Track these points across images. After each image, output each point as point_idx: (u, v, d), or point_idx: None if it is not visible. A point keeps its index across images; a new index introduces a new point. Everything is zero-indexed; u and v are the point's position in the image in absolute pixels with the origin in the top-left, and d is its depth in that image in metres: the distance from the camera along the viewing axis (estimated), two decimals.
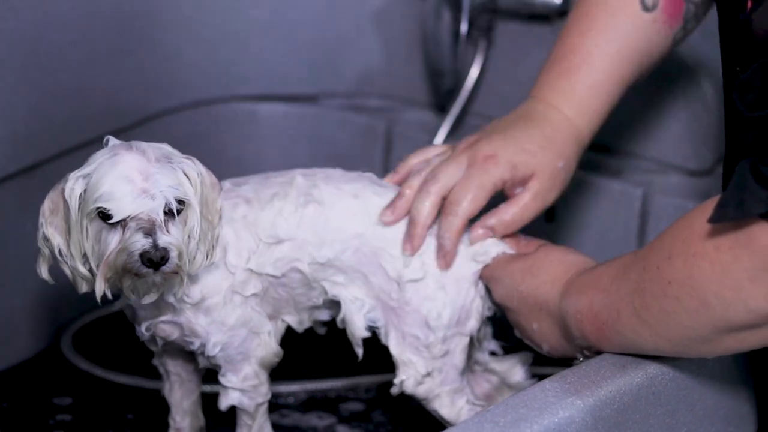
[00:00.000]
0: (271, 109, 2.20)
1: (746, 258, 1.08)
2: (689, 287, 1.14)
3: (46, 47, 1.85)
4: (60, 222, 1.33)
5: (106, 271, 1.31)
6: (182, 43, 2.08)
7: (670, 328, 1.19)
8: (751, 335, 1.14)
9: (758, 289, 1.08)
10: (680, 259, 1.14)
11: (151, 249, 1.28)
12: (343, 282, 1.45)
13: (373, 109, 2.19)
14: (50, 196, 1.34)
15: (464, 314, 1.45)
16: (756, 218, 1.06)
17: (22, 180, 1.86)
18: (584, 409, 1.24)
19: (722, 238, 1.09)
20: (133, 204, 1.29)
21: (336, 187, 1.45)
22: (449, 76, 2.06)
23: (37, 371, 1.92)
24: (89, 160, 1.33)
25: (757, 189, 1.05)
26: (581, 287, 1.31)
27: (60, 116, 1.90)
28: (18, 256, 1.89)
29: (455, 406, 1.48)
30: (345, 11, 2.17)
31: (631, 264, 1.23)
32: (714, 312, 1.13)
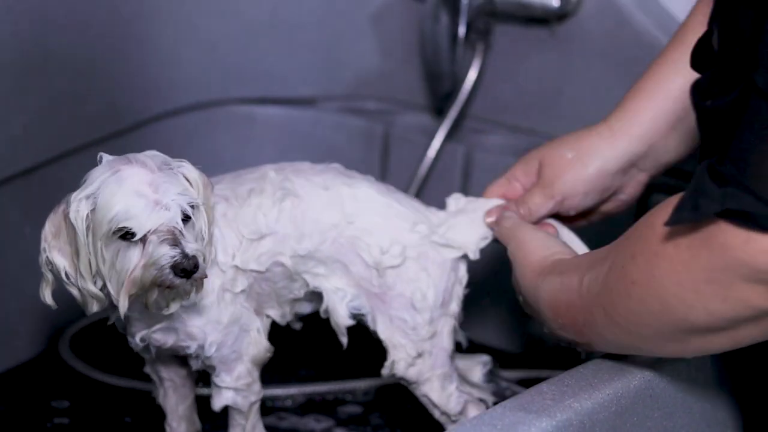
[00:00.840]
0: (269, 112, 2.20)
1: (704, 257, 1.07)
2: (651, 288, 1.13)
3: (43, 50, 1.85)
4: (64, 245, 1.32)
5: (131, 288, 1.29)
6: (180, 46, 2.08)
7: (640, 328, 1.18)
8: (717, 338, 1.13)
9: (716, 291, 1.07)
10: (642, 258, 1.13)
11: (183, 259, 1.28)
12: (324, 273, 1.46)
13: (371, 112, 2.19)
14: (51, 219, 1.32)
15: (447, 296, 1.46)
16: (714, 219, 1.05)
17: (21, 183, 1.86)
18: (582, 412, 1.24)
19: (681, 237, 1.08)
20: (151, 218, 1.28)
21: (306, 180, 1.46)
22: (447, 79, 2.06)
23: (35, 374, 1.92)
24: (88, 179, 1.31)
25: (712, 188, 1.04)
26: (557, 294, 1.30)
27: (58, 119, 1.90)
28: (16, 259, 1.89)
29: (445, 390, 1.49)
30: (343, 14, 2.17)
31: (600, 261, 1.22)
32: (676, 314, 1.12)
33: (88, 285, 1.32)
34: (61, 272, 1.32)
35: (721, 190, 1.04)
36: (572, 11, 1.95)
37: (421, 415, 1.78)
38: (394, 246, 1.45)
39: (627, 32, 1.91)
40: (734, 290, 1.06)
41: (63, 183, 1.92)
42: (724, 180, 1.04)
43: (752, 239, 1.03)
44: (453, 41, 2.02)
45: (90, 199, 1.30)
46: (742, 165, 1.04)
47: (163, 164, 1.32)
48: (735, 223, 1.03)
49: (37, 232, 1.91)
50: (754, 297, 1.06)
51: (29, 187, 1.88)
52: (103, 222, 1.28)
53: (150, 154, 1.33)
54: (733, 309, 1.08)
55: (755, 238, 1.03)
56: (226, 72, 2.15)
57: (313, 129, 2.19)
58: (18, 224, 1.88)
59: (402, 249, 1.45)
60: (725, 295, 1.07)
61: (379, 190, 1.48)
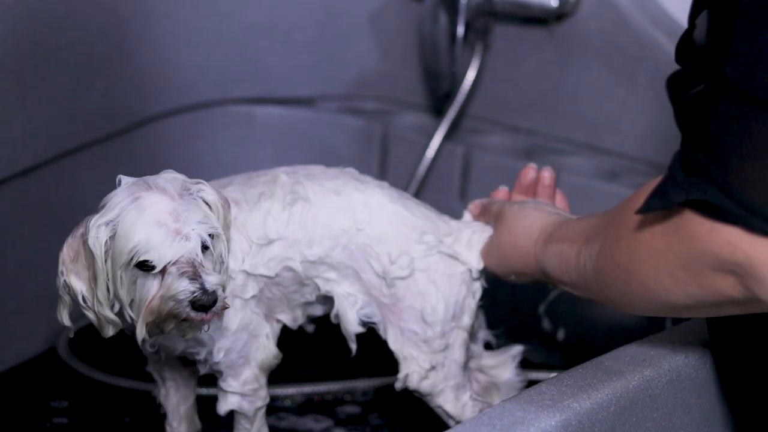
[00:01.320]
0: (268, 112, 2.20)
1: (676, 245, 1.08)
2: (633, 272, 1.15)
3: (42, 50, 1.85)
4: (82, 269, 1.30)
5: (148, 317, 1.28)
6: (179, 46, 2.08)
7: (628, 303, 1.20)
8: (702, 310, 1.15)
9: (691, 277, 1.09)
10: (625, 242, 1.15)
11: (203, 295, 1.27)
12: (336, 278, 1.45)
13: (370, 112, 2.19)
14: (68, 243, 1.31)
15: (458, 309, 1.46)
16: (683, 208, 1.06)
17: (19, 183, 1.86)
18: (581, 412, 1.24)
19: (656, 224, 1.10)
20: (171, 249, 1.26)
21: (319, 185, 1.45)
22: (446, 79, 2.06)
23: (34, 374, 1.91)
24: (107, 204, 1.29)
25: (681, 177, 1.06)
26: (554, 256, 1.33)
27: (56, 119, 1.90)
28: (15, 259, 1.89)
29: (459, 401, 1.48)
30: (341, 14, 2.17)
31: (593, 239, 1.24)
32: (657, 296, 1.14)
33: (105, 311, 1.30)
34: (78, 296, 1.30)
35: (688, 180, 1.05)
36: (571, 11, 1.95)
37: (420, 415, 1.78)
38: (403, 257, 1.44)
39: (625, 32, 1.91)
40: (706, 278, 1.07)
41: (62, 183, 1.93)
42: (692, 169, 1.05)
43: (716, 230, 1.04)
44: (452, 41, 2.02)
45: (109, 226, 1.27)
46: (710, 155, 1.05)
47: (183, 190, 1.29)
48: (699, 213, 1.05)
49: (36, 231, 1.92)
50: (724, 286, 1.07)
51: (28, 187, 1.88)
52: (123, 251, 1.26)
53: (169, 178, 1.31)
54: (709, 294, 1.09)
55: (718, 228, 1.04)
56: (225, 72, 2.15)
57: (311, 129, 2.19)
58: (18, 224, 1.88)
59: (410, 260, 1.44)
60: (700, 282, 1.08)
61: (391, 198, 1.47)
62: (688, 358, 1.35)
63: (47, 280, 1.94)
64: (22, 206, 1.88)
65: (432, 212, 1.49)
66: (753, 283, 1.04)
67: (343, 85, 2.20)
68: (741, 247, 1.03)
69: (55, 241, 1.94)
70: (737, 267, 1.04)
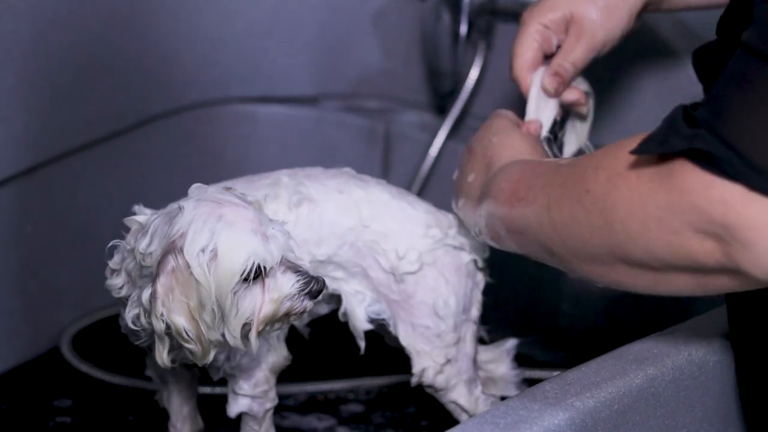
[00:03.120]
0: (271, 111, 2.20)
1: (662, 195, 1.05)
2: (602, 204, 1.11)
3: (44, 49, 1.85)
4: (178, 304, 1.26)
5: (261, 324, 1.29)
6: (181, 45, 2.08)
7: (571, 235, 1.16)
8: (643, 275, 1.10)
9: (662, 232, 1.05)
10: (605, 173, 1.11)
11: (315, 283, 1.29)
12: (343, 277, 1.46)
13: (373, 111, 2.19)
14: (162, 284, 1.26)
15: (468, 302, 1.47)
16: (679, 157, 1.03)
17: (22, 182, 1.86)
18: (584, 410, 1.24)
19: (646, 168, 1.07)
20: (274, 250, 1.27)
21: (321, 184, 1.46)
22: (449, 78, 2.06)
23: (37, 373, 1.92)
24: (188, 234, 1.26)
25: (683, 127, 1.03)
26: (526, 164, 1.30)
27: (59, 118, 1.90)
28: (18, 259, 1.89)
29: (473, 395, 1.49)
30: (344, 13, 2.17)
31: (568, 162, 1.21)
32: (616, 238, 1.10)
33: (214, 334, 1.29)
34: (182, 332, 1.27)
35: (691, 130, 1.03)
36: None
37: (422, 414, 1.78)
38: (411, 252, 1.45)
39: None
40: (681, 237, 1.04)
41: (65, 182, 1.93)
42: (695, 122, 1.03)
43: (713, 185, 1.01)
44: (454, 40, 2.03)
45: (207, 251, 1.26)
46: (716, 111, 1.02)
47: (239, 196, 1.31)
48: (699, 165, 1.02)
49: (37, 231, 1.92)
50: (698, 250, 1.04)
51: (31, 186, 1.88)
52: (234, 269, 1.26)
53: (219, 191, 1.31)
54: (673, 255, 1.06)
55: (716, 184, 1.01)
56: (228, 71, 2.15)
57: (314, 128, 2.19)
58: (20, 223, 1.88)
59: (418, 255, 1.45)
60: (670, 240, 1.05)
61: (392, 194, 1.48)
62: (691, 357, 1.35)
63: (50, 279, 1.95)
64: (25, 205, 1.88)
65: (432, 207, 1.50)
66: (736, 249, 1.01)
67: (346, 84, 2.20)
68: (735, 208, 1.00)
69: (57, 241, 1.95)
70: (724, 230, 1.01)
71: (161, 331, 1.28)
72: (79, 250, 1.97)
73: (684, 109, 1.05)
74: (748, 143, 1.00)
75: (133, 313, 1.31)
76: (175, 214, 1.28)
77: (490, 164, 1.37)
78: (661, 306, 1.85)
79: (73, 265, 1.96)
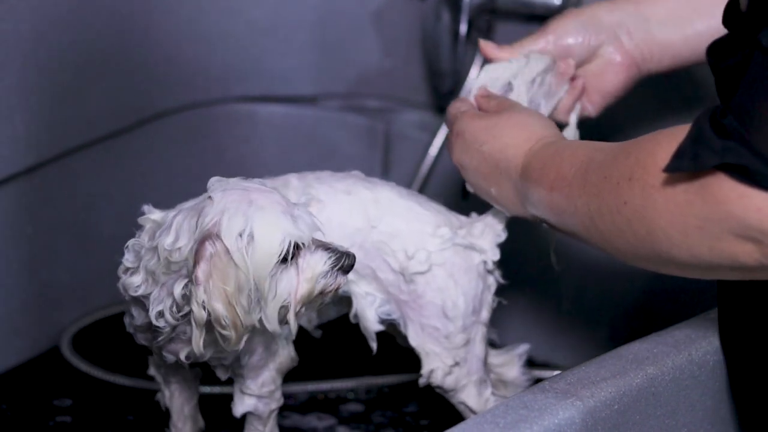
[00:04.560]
0: (271, 110, 2.20)
1: (698, 205, 1.07)
2: (641, 215, 1.13)
3: (45, 48, 1.85)
4: (216, 291, 1.27)
5: (298, 305, 1.30)
6: (181, 44, 2.08)
7: (619, 242, 1.19)
8: (696, 273, 1.14)
9: (704, 238, 1.08)
10: (639, 184, 1.13)
11: (346, 258, 1.31)
12: (353, 278, 1.45)
13: (373, 110, 2.19)
14: (201, 270, 1.26)
15: (477, 303, 1.47)
16: (713, 170, 1.05)
17: (22, 182, 1.86)
18: (584, 410, 1.24)
19: (679, 180, 1.09)
20: (306, 229, 1.29)
21: (329, 186, 1.46)
22: (449, 77, 2.06)
23: (37, 373, 1.92)
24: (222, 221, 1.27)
25: (713, 140, 1.05)
26: (544, 163, 1.31)
27: (59, 117, 1.90)
28: (18, 258, 1.89)
29: (482, 396, 1.49)
30: (344, 12, 2.17)
31: (595, 164, 1.22)
32: (660, 245, 1.13)
33: (250, 319, 1.29)
34: (221, 318, 1.28)
35: (721, 142, 1.04)
36: None
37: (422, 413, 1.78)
38: (420, 252, 1.45)
39: None
40: (722, 242, 1.07)
41: (66, 181, 1.93)
42: (725, 132, 1.05)
43: (747, 195, 1.04)
44: (454, 39, 2.02)
45: (244, 235, 1.27)
46: (743, 119, 1.04)
47: (264, 183, 1.33)
48: (732, 177, 1.04)
49: (38, 230, 1.92)
50: (740, 253, 1.07)
51: (32, 185, 1.88)
52: (271, 251, 1.27)
53: (236, 180, 1.32)
54: (717, 258, 1.09)
55: (750, 194, 1.03)
56: (228, 70, 2.15)
57: (314, 127, 2.19)
58: (21, 223, 1.89)
59: (427, 255, 1.45)
60: (712, 245, 1.08)
61: (401, 194, 1.48)
62: (691, 356, 1.35)
63: (50, 278, 1.95)
64: (26, 205, 1.88)
65: (442, 207, 1.50)
66: None
67: (346, 84, 2.20)
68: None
69: (57, 241, 1.95)
70: (762, 234, 1.04)
71: (202, 319, 1.28)
72: (79, 250, 1.97)
73: (711, 117, 1.06)
74: None
75: (157, 310, 1.32)
76: (204, 205, 1.29)
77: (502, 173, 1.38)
78: (661, 306, 1.85)
79: (73, 265, 1.97)
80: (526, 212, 1.37)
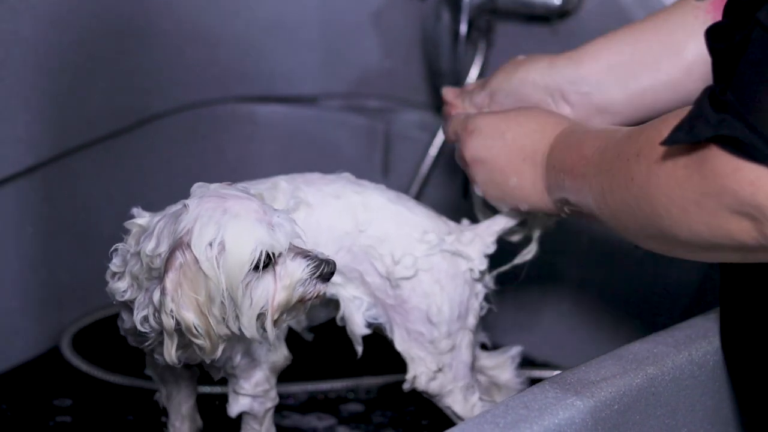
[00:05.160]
0: (271, 110, 2.20)
1: (696, 180, 1.08)
2: (645, 192, 1.14)
3: (45, 49, 1.85)
4: (187, 300, 1.27)
5: (275, 313, 1.29)
6: (182, 45, 2.08)
7: (628, 220, 1.20)
8: (697, 253, 1.15)
9: (701, 214, 1.08)
10: (645, 161, 1.14)
11: (326, 265, 1.30)
12: (341, 282, 1.46)
13: (373, 110, 2.19)
14: (170, 279, 1.26)
15: (463, 310, 1.46)
16: (709, 143, 1.05)
17: (22, 182, 1.86)
18: (584, 410, 1.24)
19: (680, 155, 1.10)
20: (281, 237, 1.28)
21: (317, 189, 1.46)
22: (449, 77, 2.06)
23: (37, 373, 1.92)
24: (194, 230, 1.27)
25: (710, 114, 1.05)
26: (568, 146, 1.32)
27: (59, 117, 1.90)
28: (18, 258, 1.89)
29: (468, 402, 1.49)
30: (344, 12, 2.17)
31: (613, 142, 1.23)
32: (662, 223, 1.13)
33: (223, 328, 1.29)
34: (191, 327, 1.28)
35: (717, 116, 1.05)
36: (573, 9, 1.95)
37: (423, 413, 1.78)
38: (406, 257, 1.45)
39: None
40: (718, 219, 1.07)
41: (65, 181, 1.93)
42: (722, 107, 1.05)
43: (741, 168, 1.04)
44: (454, 39, 2.02)
45: (215, 245, 1.26)
46: (741, 95, 1.04)
47: (243, 190, 1.32)
48: (726, 150, 1.04)
49: (38, 230, 1.92)
50: (736, 230, 1.07)
51: (32, 185, 1.88)
52: (242, 259, 1.26)
53: (218, 186, 1.32)
54: (716, 236, 1.09)
55: (744, 167, 1.04)
56: (229, 70, 2.15)
57: (314, 127, 2.19)
58: (21, 223, 1.89)
59: (414, 260, 1.45)
60: (709, 222, 1.08)
61: (390, 198, 1.48)
62: (691, 356, 1.35)
63: (50, 278, 1.95)
64: (26, 205, 1.88)
65: (432, 212, 1.49)
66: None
67: (346, 84, 2.20)
68: (764, 189, 1.03)
69: (57, 241, 1.95)
70: (756, 210, 1.04)
71: (171, 328, 1.28)
72: (79, 250, 1.97)
73: (711, 95, 1.07)
74: None
75: (141, 315, 1.31)
76: (180, 212, 1.29)
77: (526, 159, 1.38)
78: (661, 306, 1.85)
79: (73, 265, 1.96)
80: (546, 200, 1.37)
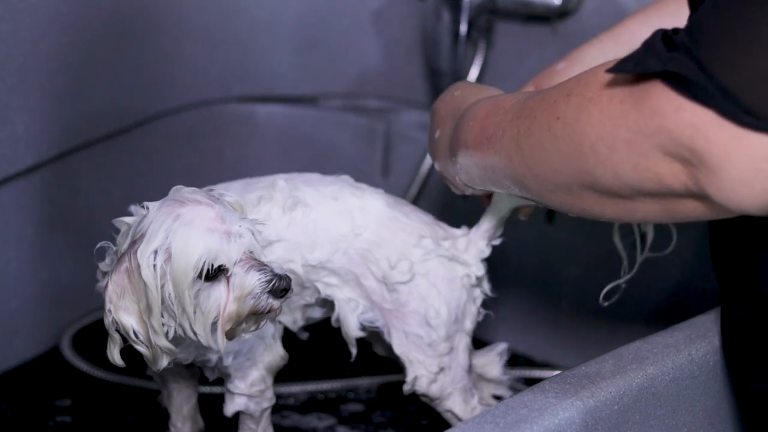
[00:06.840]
0: (271, 110, 2.20)
1: (632, 117, 1.04)
2: (571, 129, 1.11)
3: (45, 48, 1.85)
4: (130, 304, 1.28)
5: (226, 324, 1.28)
6: (181, 45, 2.08)
7: (540, 164, 1.16)
8: (612, 202, 1.11)
9: (631, 155, 1.05)
10: (576, 99, 1.11)
11: (279, 281, 1.28)
12: (337, 283, 1.46)
13: (373, 110, 2.19)
14: (114, 281, 1.27)
15: (460, 313, 1.47)
16: (654, 79, 1.03)
17: (22, 182, 1.86)
18: (584, 410, 1.24)
19: (618, 89, 1.06)
20: (233, 248, 1.26)
21: (316, 190, 1.46)
22: (449, 77, 2.06)
23: (37, 373, 1.92)
24: (145, 233, 1.27)
25: (661, 50, 1.03)
26: (491, 101, 1.29)
27: (59, 117, 1.90)
28: (18, 258, 1.89)
29: (468, 404, 1.49)
30: (344, 13, 2.17)
31: (538, 93, 1.20)
32: (584, 163, 1.10)
33: (161, 340, 1.29)
34: (130, 332, 1.28)
35: (668, 53, 1.02)
36: (573, 9, 1.95)
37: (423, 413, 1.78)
38: (402, 262, 1.45)
39: None
40: (649, 159, 1.04)
41: (65, 181, 1.93)
42: (674, 45, 1.03)
43: (684, 109, 1.01)
44: (454, 39, 2.03)
45: (161, 252, 1.26)
46: (695, 36, 1.02)
47: (210, 197, 1.30)
48: (672, 88, 1.01)
49: (38, 230, 1.92)
50: (666, 173, 1.04)
51: (31, 185, 1.88)
52: (188, 268, 1.25)
53: (190, 191, 1.30)
54: (641, 179, 1.06)
55: (687, 107, 1.00)
56: (228, 70, 2.15)
57: (314, 127, 2.19)
58: (20, 223, 1.89)
59: (410, 265, 1.45)
60: (638, 162, 1.05)
61: (387, 203, 1.48)
62: (691, 356, 1.35)
63: (50, 279, 1.95)
64: (25, 205, 1.88)
65: (429, 217, 1.50)
66: (703, 173, 1.01)
67: (346, 84, 2.20)
68: (705, 132, 1.00)
69: (57, 240, 1.95)
70: (691, 154, 1.01)
71: (109, 328, 1.29)
72: (79, 250, 1.97)
73: (664, 33, 1.04)
74: (723, 69, 0.99)
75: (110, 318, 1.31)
76: (143, 215, 1.29)
77: (454, 114, 1.36)
78: (662, 306, 1.85)
79: (73, 265, 1.96)
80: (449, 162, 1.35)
